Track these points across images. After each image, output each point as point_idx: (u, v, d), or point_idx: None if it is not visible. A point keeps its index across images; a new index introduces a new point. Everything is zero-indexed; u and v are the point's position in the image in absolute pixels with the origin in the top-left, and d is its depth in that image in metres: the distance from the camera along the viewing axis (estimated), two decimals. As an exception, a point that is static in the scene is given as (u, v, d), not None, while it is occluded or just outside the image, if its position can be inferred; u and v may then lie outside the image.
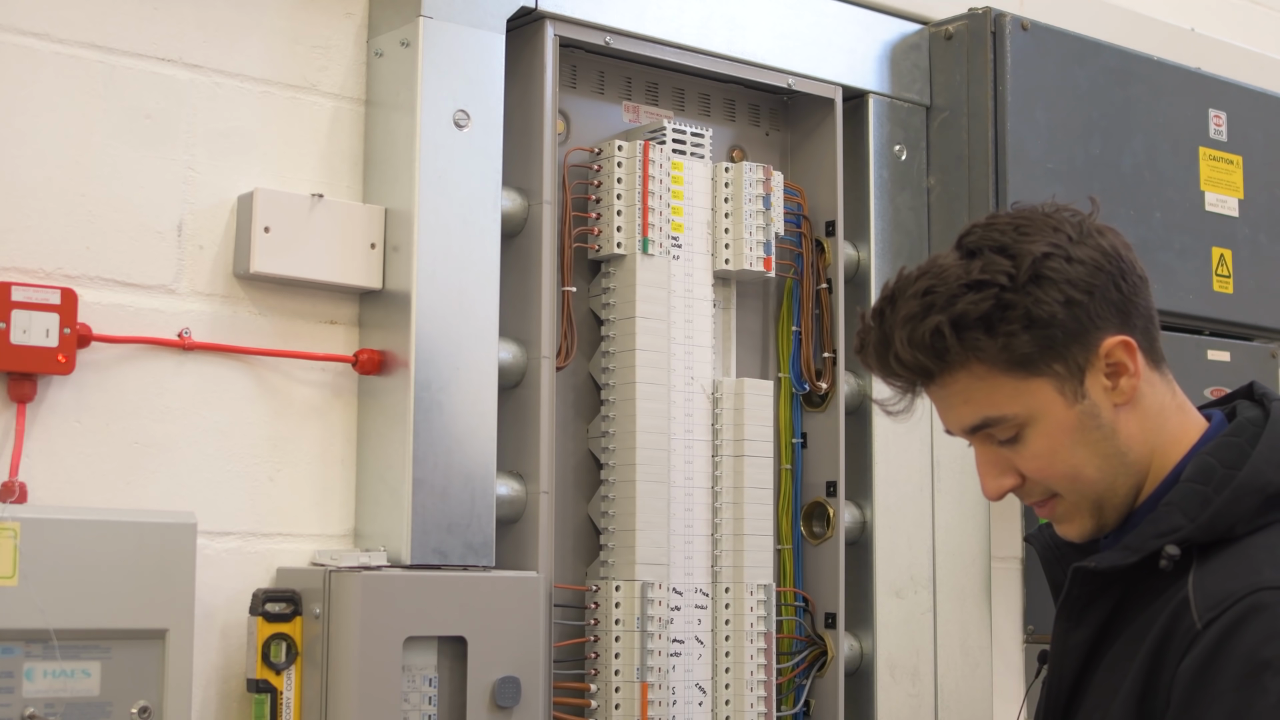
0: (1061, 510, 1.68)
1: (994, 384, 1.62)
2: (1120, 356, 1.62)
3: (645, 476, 2.34)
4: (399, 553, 2.13)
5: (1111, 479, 1.65)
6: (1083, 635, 1.65)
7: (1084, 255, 1.62)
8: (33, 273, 2.02)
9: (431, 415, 2.15)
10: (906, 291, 1.65)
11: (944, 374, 1.64)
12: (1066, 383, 1.62)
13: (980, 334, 1.60)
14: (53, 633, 1.86)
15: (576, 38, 2.37)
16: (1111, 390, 1.63)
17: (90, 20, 2.09)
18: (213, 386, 2.14)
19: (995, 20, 2.71)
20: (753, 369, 2.62)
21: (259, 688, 2.03)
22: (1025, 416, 1.63)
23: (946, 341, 1.60)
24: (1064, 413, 1.62)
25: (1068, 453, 1.63)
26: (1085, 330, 1.61)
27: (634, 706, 2.29)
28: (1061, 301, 1.59)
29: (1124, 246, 1.67)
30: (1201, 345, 2.97)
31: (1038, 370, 1.61)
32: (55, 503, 1.99)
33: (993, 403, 1.63)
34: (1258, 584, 1.50)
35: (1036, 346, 1.60)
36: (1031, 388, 1.62)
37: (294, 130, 2.23)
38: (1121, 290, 1.63)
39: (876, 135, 2.71)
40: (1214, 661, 1.48)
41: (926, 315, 1.61)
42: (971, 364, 1.62)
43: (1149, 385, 1.66)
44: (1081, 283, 1.60)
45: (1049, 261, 1.60)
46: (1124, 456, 1.65)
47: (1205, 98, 3.00)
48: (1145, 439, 1.66)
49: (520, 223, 2.32)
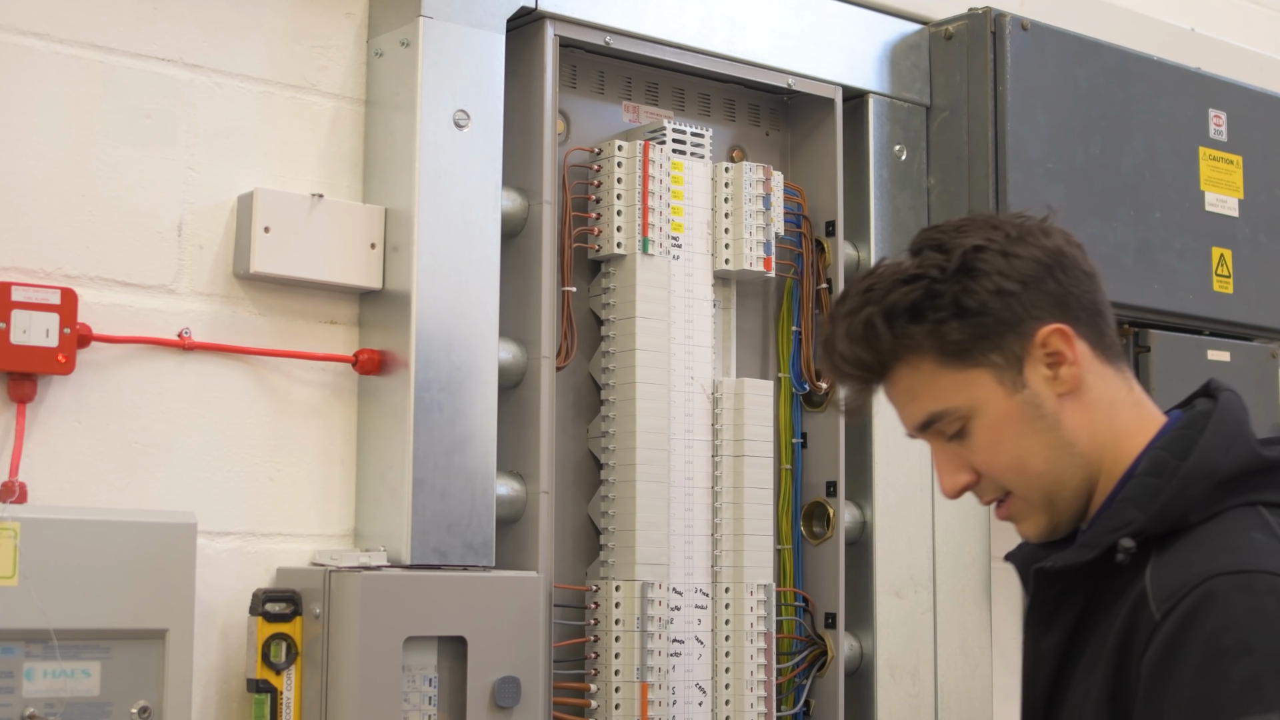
0: (1016, 509, 1.69)
1: (935, 378, 1.65)
2: (1057, 345, 1.64)
3: (645, 476, 2.34)
4: (399, 553, 2.13)
5: (1059, 470, 1.65)
6: (1054, 641, 1.65)
7: (1019, 250, 1.65)
8: (33, 273, 2.02)
9: (431, 415, 2.15)
10: (852, 290, 1.70)
11: (886, 371, 1.67)
12: (1005, 372, 1.64)
13: (909, 323, 1.64)
14: (53, 633, 1.86)
15: (576, 38, 2.37)
16: (1053, 380, 1.65)
17: (90, 20, 2.09)
18: (213, 386, 2.14)
19: (995, 20, 2.71)
20: (753, 369, 2.62)
21: (259, 688, 2.03)
22: (968, 408, 1.65)
23: (878, 331, 1.64)
24: (1005, 402, 1.64)
25: (1012, 443, 1.65)
26: (1019, 319, 1.63)
27: (634, 706, 2.29)
28: (992, 291, 1.62)
29: (1070, 245, 1.69)
30: (1201, 345, 2.97)
31: (975, 361, 1.64)
32: (55, 503, 1.99)
33: (935, 396, 1.66)
34: (1211, 571, 1.50)
35: (968, 335, 1.63)
36: (971, 379, 1.64)
37: (294, 130, 2.23)
38: (1060, 283, 1.65)
39: (876, 135, 2.71)
40: (1174, 652, 1.48)
41: (862, 309, 1.66)
42: (909, 356, 1.65)
43: (1098, 378, 1.68)
44: (1014, 274, 1.63)
45: (980, 254, 1.63)
46: (1071, 447, 1.65)
47: (1205, 98, 3.00)
48: (1093, 431, 1.66)
49: (520, 223, 2.32)
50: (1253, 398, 3.01)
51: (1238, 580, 1.48)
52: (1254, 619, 1.46)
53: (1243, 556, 1.51)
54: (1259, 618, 1.46)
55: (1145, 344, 2.89)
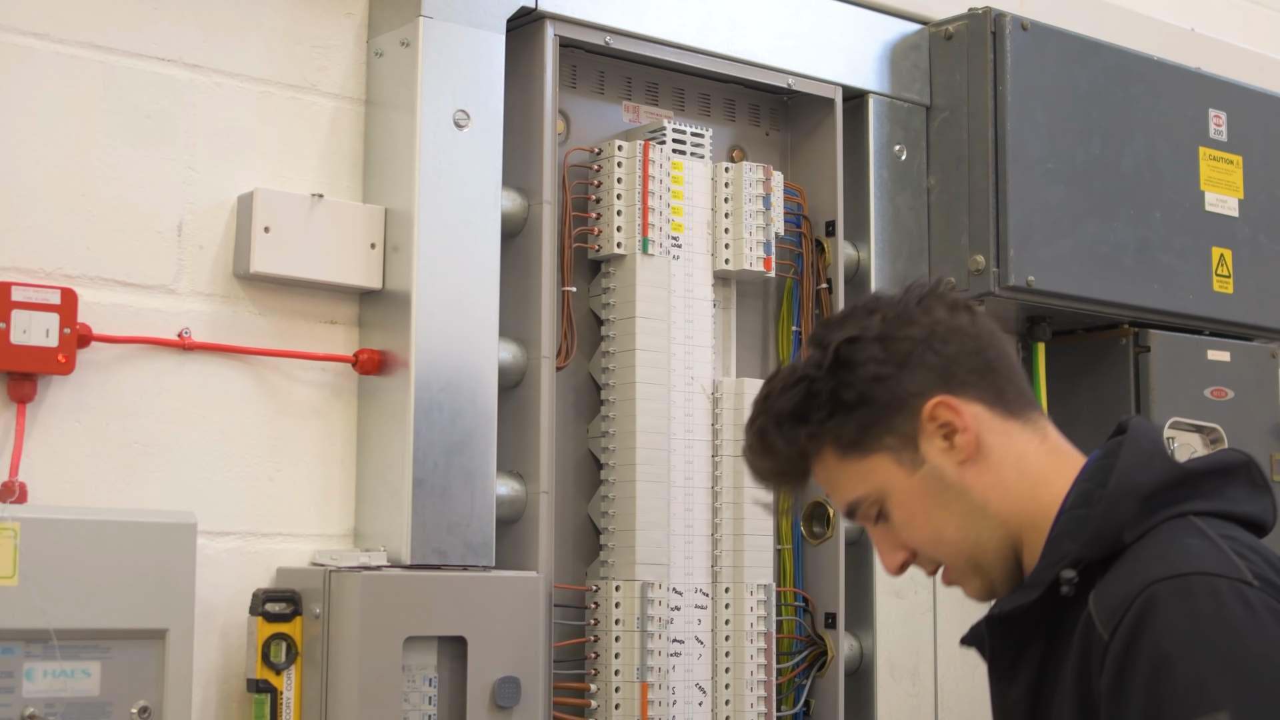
0: (952, 576, 1.72)
1: (840, 470, 1.69)
2: (944, 416, 1.66)
3: (645, 476, 2.34)
4: (399, 553, 2.13)
5: (976, 535, 1.67)
6: (1020, 691, 1.65)
7: (894, 332, 1.67)
8: (33, 273, 2.02)
9: (431, 415, 2.15)
10: (756, 399, 1.75)
11: (798, 471, 1.72)
12: (902, 453, 1.66)
13: (796, 426, 1.68)
14: (53, 633, 1.86)
15: (576, 38, 2.37)
16: (949, 450, 1.66)
17: (90, 20, 2.09)
18: (213, 386, 2.14)
19: (995, 20, 2.71)
20: (753, 369, 2.62)
21: (259, 688, 2.03)
22: (878, 493, 1.68)
23: (772, 439, 1.70)
24: (909, 481, 1.67)
25: (925, 518, 1.67)
26: (903, 400, 1.66)
27: (634, 706, 2.29)
28: (868, 379, 1.65)
29: (953, 312, 1.70)
30: (1201, 345, 2.97)
31: (870, 449, 1.67)
32: (55, 503, 1.99)
33: (847, 487, 1.70)
34: (1147, 579, 1.51)
35: (855, 426, 1.66)
36: (872, 465, 1.67)
37: (294, 130, 2.23)
38: (940, 354, 1.67)
39: (876, 135, 2.71)
40: (1124, 668, 1.49)
41: (757, 419, 1.72)
42: (811, 456, 1.70)
43: (1001, 435, 1.68)
44: (889, 358, 1.66)
45: (853, 345, 1.67)
46: (983, 510, 1.67)
47: (1205, 98, 3.00)
48: (1005, 489, 1.67)
49: (520, 223, 2.32)
50: (1253, 398, 3.02)
51: (1174, 585, 1.49)
52: (1193, 622, 1.47)
53: (1176, 561, 1.52)
54: (1197, 620, 1.47)
55: (1145, 344, 2.89)
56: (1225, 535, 1.56)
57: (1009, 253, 2.64)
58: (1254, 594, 1.47)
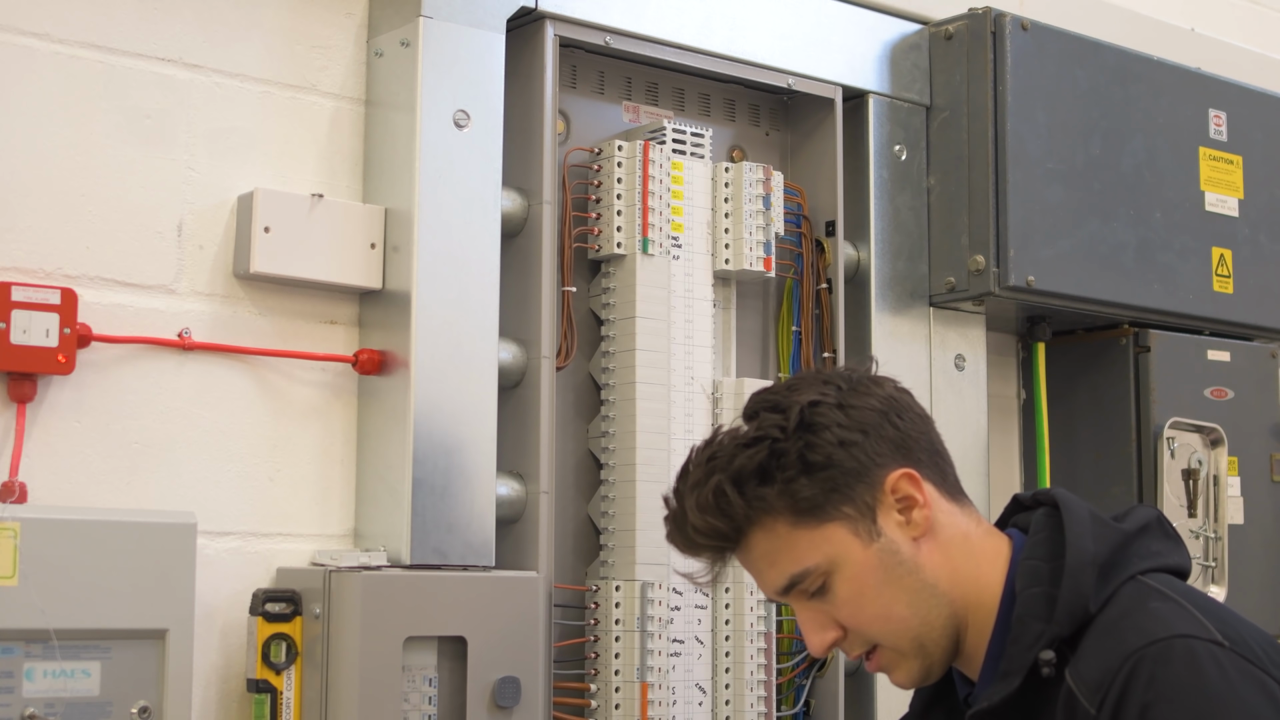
0: (886, 659, 1.70)
1: (791, 539, 1.65)
2: (906, 489, 1.66)
3: (645, 476, 2.34)
4: (399, 553, 2.13)
5: (925, 614, 1.66)
6: None
7: (855, 401, 1.67)
8: (33, 273, 2.02)
9: (431, 415, 2.15)
10: (694, 462, 1.70)
11: (741, 537, 1.67)
12: (859, 523, 1.65)
13: (759, 485, 1.64)
14: (53, 633, 1.86)
15: (576, 38, 2.37)
16: (906, 525, 1.66)
17: (90, 20, 2.09)
18: (213, 386, 2.14)
19: (995, 20, 2.71)
20: (753, 369, 2.62)
21: (259, 688, 2.03)
22: (827, 565, 1.65)
23: (729, 498, 1.64)
24: (863, 554, 1.65)
25: (875, 594, 1.65)
26: (866, 469, 1.65)
27: (634, 706, 2.29)
28: (835, 443, 1.64)
29: (900, 392, 1.72)
30: (1201, 345, 2.97)
31: (828, 516, 1.64)
32: (55, 503, 1.99)
33: (794, 558, 1.66)
34: (1127, 650, 1.53)
35: (819, 490, 1.64)
36: (826, 534, 1.65)
37: (294, 130, 2.23)
38: (898, 428, 1.68)
39: (876, 135, 2.71)
40: None
41: (709, 478, 1.65)
42: (763, 520, 1.65)
43: (947, 515, 1.70)
44: (854, 424, 1.65)
45: (818, 408, 1.65)
46: (933, 589, 1.67)
47: (1205, 98, 3.00)
48: (953, 568, 1.68)
49: (520, 223, 2.32)
50: (1253, 398, 3.02)
51: (1154, 651, 1.52)
52: (1175, 688, 1.50)
53: (1151, 627, 1.55)
54: (1179, 684, 1.50)
55: (1145, 344, 2.90)
56: (1178, 592, 1.61)
57: (1009, 253, 2.64)
58: (1225, 655, 1.52)
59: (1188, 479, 2.90)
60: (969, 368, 2.78)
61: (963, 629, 1.68)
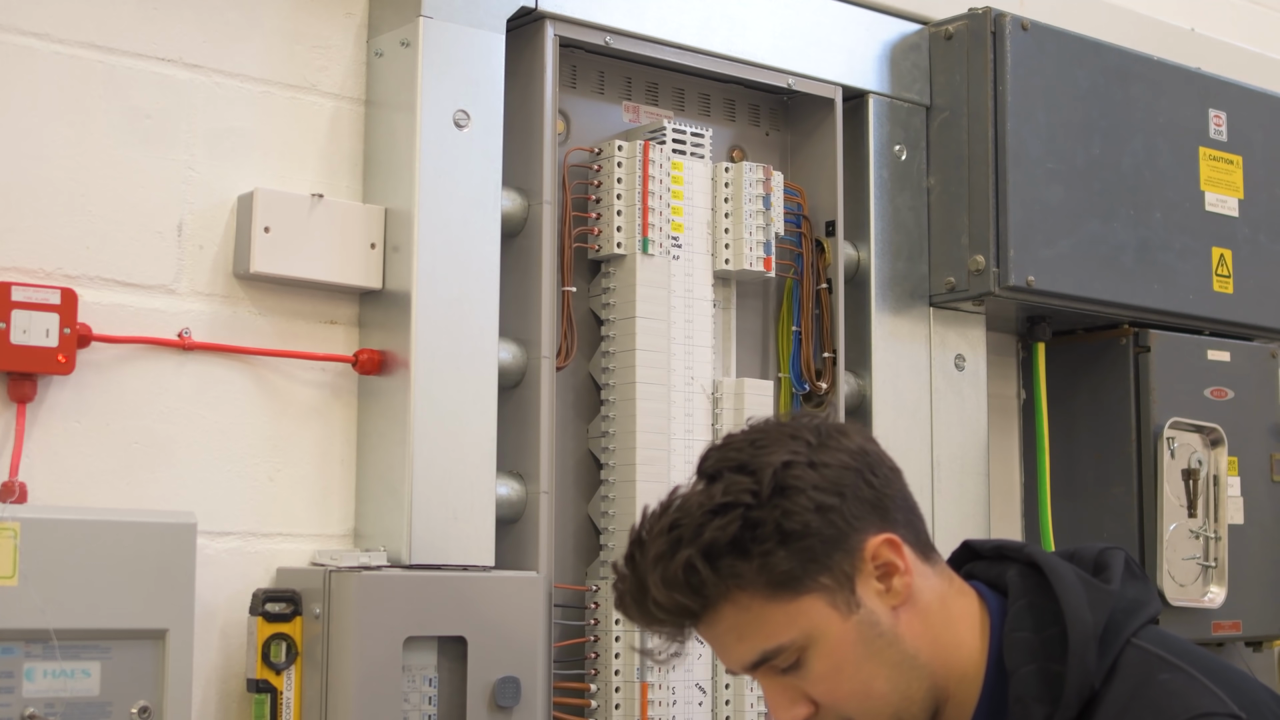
0: None
1: (763, 613, 1.53)
2: (888, 556, 1.55)
3: (645, 476, 2.34)
4: (399, 553, 2.13)
5: (905, 688, 1.56)
6: None
7: (827, 458, 1.54)
8: (33, 273, 2.02)
9: (431, 415, 2.15)
10: (653, 530, 1.56)
11: (708, 611, 1.54)
12: (837, 594, 1.53)
13: (735, 559, 1.51)
14: (53, 633, 1.86)
15: (576, 38, 2.37)
16: (885, 593, 1.56)
17: (90, 20, 2.09)
18: (213, 386, 2.14)
19: (995, 20, 2.71)
20: (753, 369, 2.62)
21: (259, 688, 2.03)
22: (803, 640, 1.54)
23: (701, 575, 1.51)
24: (841, 627, 1.53)
25: (854, 669, 1.54)
26: (844, 535, 1.53)
27: (634, 706, 2.29)
28: (812, 509, 1.51)
29: (868, 441, 1.61)
30: (1201, 345, 2.97)
31: (804, 588, 1.52)
32: (55, 503, 1.99)
33: (766, 634, 1.54)
34: None
35: (796, 561, 1.51)
36: (802, 608, 1.53)
37: (294, 130, 2.23)
38: (874, 486, 1.56)
39: (876, 135, 2.71)
40: None
41: (676, 552, 1.52)
42: (734, 594, 1.52)
43: (923, 579, 1.59)
44: (830, 485, 1.53)
45: (791, 470, 1.52)
46: (914, 660, 1.56)
47: (1205, 98, 3.00)
48: (933, 637, 1.58)
49: (520, 223, 2.32)
50: (1253, 398, 3.02)
51: None
52: None
53: (1167, 706, 1.48)
54: None
55: (1145, 344, 2.90)
56: (1175, 653, 1.53)
57: (1009, 253, 2.64)
58: None
59: (1188, 479, 2.89)
60: (969, 368, 2.78)
61: (943, 701, 1.59)
